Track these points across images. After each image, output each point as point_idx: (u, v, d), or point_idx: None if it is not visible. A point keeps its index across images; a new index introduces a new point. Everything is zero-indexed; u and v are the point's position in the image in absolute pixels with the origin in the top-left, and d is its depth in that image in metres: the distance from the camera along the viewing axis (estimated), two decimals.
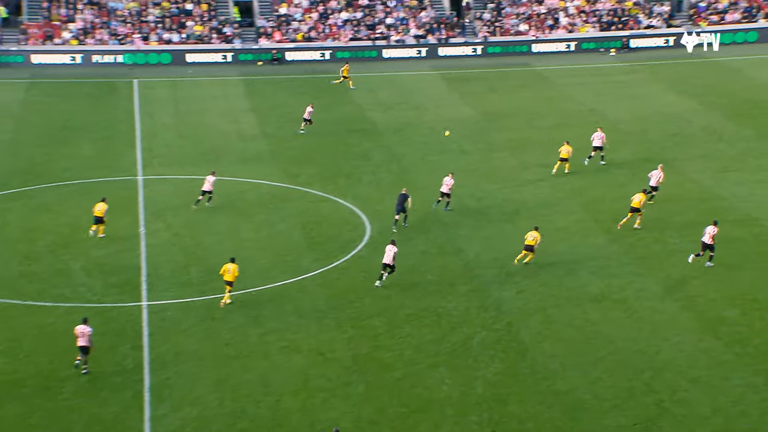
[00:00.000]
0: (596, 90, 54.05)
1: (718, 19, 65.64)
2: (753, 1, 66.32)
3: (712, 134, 45.22)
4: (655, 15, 66.07)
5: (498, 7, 67.12)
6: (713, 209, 35.90)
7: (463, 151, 44.51)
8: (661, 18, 65.92)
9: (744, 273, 30.68)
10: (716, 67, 58.75)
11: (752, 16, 65.49)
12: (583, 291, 30.03)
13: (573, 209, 36.65)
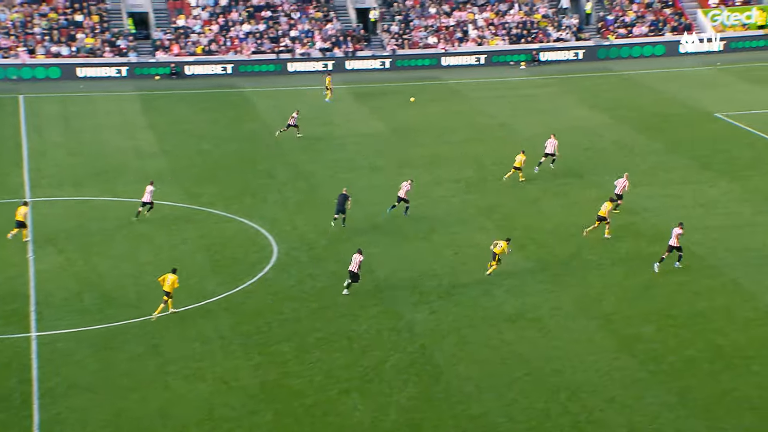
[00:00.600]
0: (507, 104, 54.92)
1: (626, 32, 67.58)
2: (659, 15, 68.50)
3: (623, 148, 46.37)
4: (564, 28, 67.60)
5: (406, 19, 67.70)
6: (626, 225, 36.73)
7: (375, 167, 44.58)
8: (570, 31, 67.48)
9: (658, 289, 31.43)
10: (625, 80, 60.38)
11: (659, 30, 67.62)
12: (498, 310, 30.31)
13: (487, 226, 37.05)
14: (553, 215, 38.01)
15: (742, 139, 46.76)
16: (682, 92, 56.30)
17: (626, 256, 33.82)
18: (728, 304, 30.07)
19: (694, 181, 41.04)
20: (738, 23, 68.32)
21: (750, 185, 40.41)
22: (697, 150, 44.97)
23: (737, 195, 39.32)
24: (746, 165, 42.93)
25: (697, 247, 34.21)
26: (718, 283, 31.48)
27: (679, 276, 32.13)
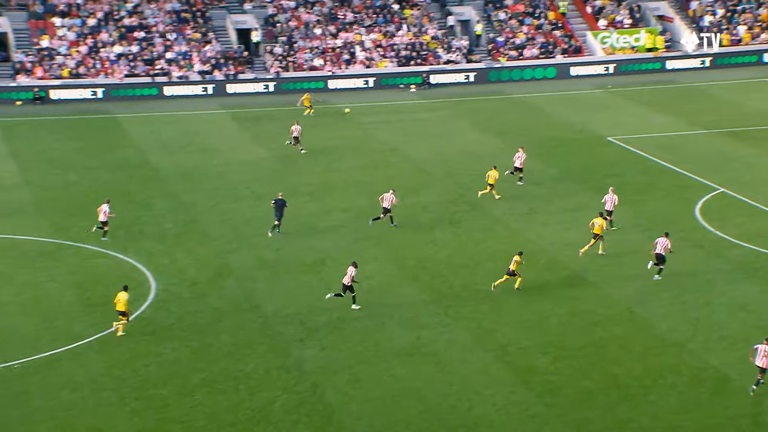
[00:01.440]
0: (398, 128, 55.51)
1: (517, 54, 69.31)
2: (550, 37, 70.53)
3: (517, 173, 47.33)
4: (454, 50, 68.89)
5: (290, 40, 67.85)
6: (527, 254, 37.42)
7: (259, 197, 44.35)
8: (460, 53, 68.80)
9: (553, 319, 32.12)
10: (517, 103, 61.84)
11: (549, 53, 69.58)
12: (391, 344, 30.44)
13: (378, 256, 37.23)
14: (446, 245, 38.49)
15: (635, 164, 48.40)
16: (574, 115, 57.97)
17: (521, 285, 34.45)
18: (624, 333, 30.93)
19: (589, 207, 42.18)
20: (627, 45, 70.91)
21: (643, 210, 41.78)
22: (590, 175, 46.31)
23: (630, 220, 40.58)
24: (639, 189, 44.41)
25: (593, 275, 35.14)
26: (614, 312, 32.37)
27: (574, 305, 32.91)
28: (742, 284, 34.02)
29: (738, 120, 55.93)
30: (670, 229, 38.98)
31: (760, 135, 52.29)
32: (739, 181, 44.82)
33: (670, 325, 31.26)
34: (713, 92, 63.14)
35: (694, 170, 46.56)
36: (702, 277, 34.72)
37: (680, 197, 43.27)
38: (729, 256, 36.46)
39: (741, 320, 31.33)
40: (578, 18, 73.67)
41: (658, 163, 48.31)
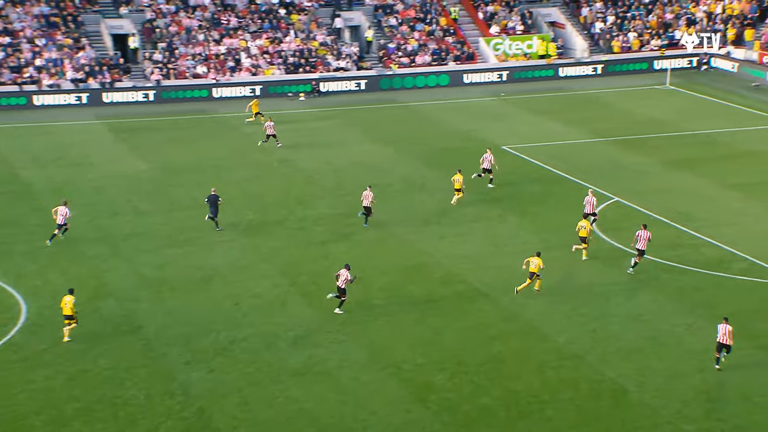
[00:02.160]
0: (287, 138, 55.25)
1: (409, 61, 69.87)
2: (442, 44, 71.36)
3: (411, 185, 47.70)
4: (344, 56, 69.05)
5: (170, 47, 66.92)
6: (416, 266, 37.69)
7: (140, 212, 43.54)
8: (350, 60, 69.01)
9: (450, 334, 32.36)
10: (411, 111, 62.32)
11: (442, 60, 70.37)
12: (283, 365, 30.21)
13: (269, 273, 36.94)
14: (339, 259, 38.44)
15: (530, 173, 49.27)
16: (468, 124, 58.72)
17: (417, 300, 34.65)
18: (522, 347, 31.37)
19: (485, 218, 42.75)
20: (520, 52, 72.26)
21: (539, 220, 42.53)
22: (482, 185, 46.91)
23: (527, 231, 41.26)
24: (534, 199, 45.19)
25: (490, 289, 35.56)
26: (512, 326, 32.80)
27: (472, 319, 33.23)
28: (637, 294, 34.91)
29: (630, 128, 57.53)
30: (567, 239, 39.77)
31: (652, 143, 53.86)
32: (632, 190, 46.05)
33: (567, 337, 31.84)
34: (606, 100, 64.82)
35: (589, 179, 47.64)
36: (599, 288, 35.49)
37: (575, 207, 44.16)
38: (624, 266, 37.38)
39: (637, 331, 32.13)
40: (470, 24, 74.76)
41: (552, 172, 49.27)
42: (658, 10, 75.91)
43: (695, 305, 33.90)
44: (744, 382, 28.85)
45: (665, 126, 57.80)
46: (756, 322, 32.50)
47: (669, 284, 35.70)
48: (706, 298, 34.41)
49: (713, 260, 37.70)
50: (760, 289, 35.12)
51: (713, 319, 32.64)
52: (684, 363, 30.09)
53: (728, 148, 52.86)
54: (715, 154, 51.66)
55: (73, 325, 31.16)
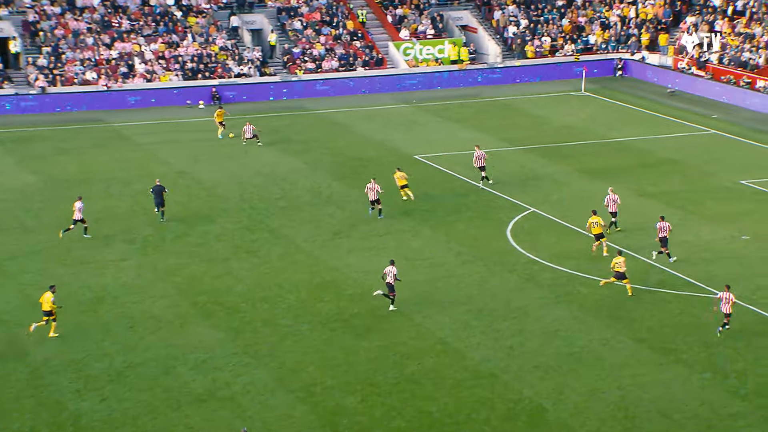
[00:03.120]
0: (186, 149, 54.71)
1: (315, 66, 69.87)
2: (350, 48, 71.54)
3: (319, 196, 47.63)
4: (246, 62, 68.71)
5: (56, 51, 65.68)
6: (326, 283, 37.61)
7: (26, 228, 42.63)
8: (253, 65, 68.70)
9: (362, 354, 32.34)
10: (318, 119, 62.30)
11: (350, 65, 70.54)
12: (183, 391, 29.82)
13: (167, 292, 36.47)
14: (244, 276, 38.16)
15: (443, 183, 49.62)
16: (379, 132, 58.96)
17: (326, 319, 34.57)
18: (437, 366, 31.51)
19: (396, 231, 42.90)
20: (431, 57, 72.86)
21: (454, 233, 42.85)
22: (397, 196, 47.13)
23: (441, 244, 41.53)
24: (449, 211, 45.53)
25: (405, 306, 35.67)
26: (426, 344, 32.93)
27: (384, 338, 33.26)
28: (554, 309, 35.38)
29: (545, 135, 58.43)
30: (483, 252, 40.14)
31: (567, 151, 54.75)
32: (549, 200, 46.73)
33: (483, 355, 32.09)
34: (520, 106, 65.72)
35: (504, 189, 48.20)
36: (515, 303, 35.88)
37: (491, 218, 44.66)
38: (541, 279, 37.88)
39: (555, 347, 32.54)
40: (379, 28, 75.11)
41: (467, 182, 49.72)
42: (571, 13, 77.32)
43: (614, 319, 34.50)
44: (662, 399, 29.43)
45: (581, 133, 58.86)
46: (674, 336, 33.21)
47: (587, 298, 36.27)
48: (624, 312, 35.04)
49: (631, 272, 38.42)
50: (678, 301, 35.92)
51: (631, 334, 33.26)
52: (602, 380, 30.57)
53: (645, 156, 54.03)
54: (632, 163, 52.74)
55: (48, 322, 32.57)
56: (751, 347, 32.32)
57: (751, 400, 29.29)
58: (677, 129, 60.05)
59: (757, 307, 35.21)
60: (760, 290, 36.63)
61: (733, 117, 62.39)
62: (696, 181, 49.81)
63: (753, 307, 35.28)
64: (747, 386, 30.00)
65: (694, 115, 62.78)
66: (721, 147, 56.27)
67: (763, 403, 29.04)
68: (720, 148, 55.96)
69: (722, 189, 48.37)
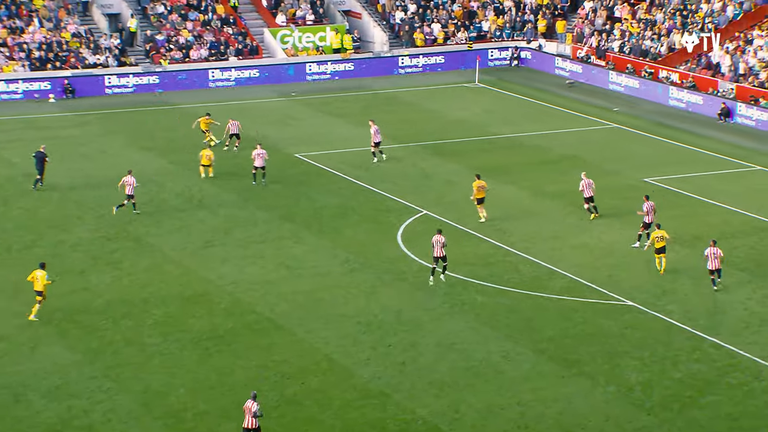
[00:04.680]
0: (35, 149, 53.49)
1: (181, 56, 69.13)
2: (220, 36, 70.95)
3: (189, 201, 47.11)
4: (102, 50, 67.57)
5: None
6: (197, 296, 37.24)
7: None
8: (110, 54, 67.59)
9: (238, 374, 32.07)
10: (185, 114, 61.64)
11: (221, 54, 69.97)
12: (35, 421, 29.21)
13: (15, 310, 35.68)
14: (103, 291, 37.54)
15: (327, 184, 49.63)
16: (254, 128, 58.71)
17: (198, 335, 34.23)
18: (322, 386, 31.45)
19: (276, 237, 42.73)
20: (312, 45, 72.85)
21: (340, 239, 42.88)
22: (276, 199, 46.92)
23: (327, 251, 41.52)
24: (334, 214, 45.55)
25: (285, 319, 35.53)
26: (310, 362, 32.84)
27: (264, 356, 33.06)
28: (450, 320, 35.67)
29: (438, 131, 58.96)
30: (372, 259, 40.27)
31: (461, 148, 55.32)
32: (442, 202, 47.15)
33: (373, 372, 32.17)
34: (409, 99, 66.17)
35: (394, 190, 48.45)
36: (407, 315, 36.07)
37: (380, 222, 44.83)
38: (435, 288, 38.15)
39: (450, 361, 32.80)
40: (253, 13, 74.78)
41: (353, 182, 49.81)
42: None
43: (513, 330, 34.96)
44: (565, 414, 29.92)
45: (476, 129, 59.56)
46: (577, 347, 33.80)
47: (484, 307, 36.68)
48: (524, 322, 35.54)
49: (531, 278, 39.03)
50: (582, 309, 36.59)
51: (531, 345, 33.76)
52: (501, 395, 30.94)
53: (543, 153, 54.97)
54: (530, 160, 53.61)
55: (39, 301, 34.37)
56: (657, 357, 33.11)
57: (657, 413, 30.00)
58: (577, 123, 61.27)
59: (663, 314, 36.11)
60: (666, 295, 37.60)
61: (636, 110, 63.97)
62: (597, 179, 50.79)
63: (659, 314, 36.16)
64: (653, 399, 30.71)
65: (594, 108, 64.16)
66: (624, 142, 57.63)
67: (669, 417, 29.78)
68: (622, 144, 57.31)
69: (625, 187, 49.50)
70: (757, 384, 31.46)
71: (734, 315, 36.12)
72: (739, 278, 39.06)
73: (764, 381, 31.61)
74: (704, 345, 33.90)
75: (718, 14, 69.34)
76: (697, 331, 34.79)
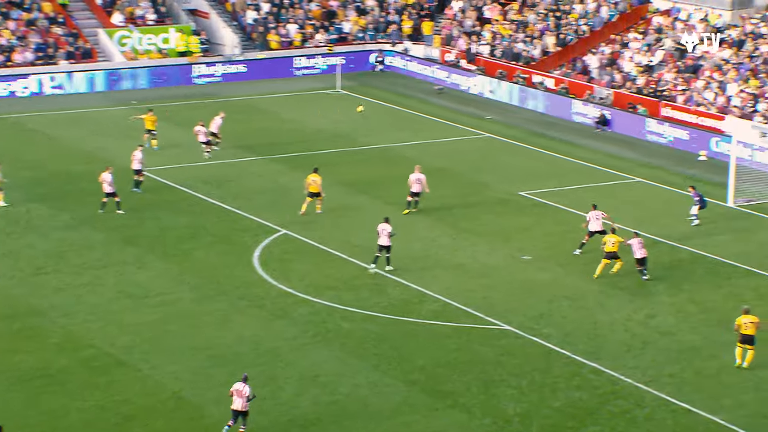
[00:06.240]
0: None
1: (2, 59, 67.63)
2: (48, 36, 69.58)
3: (15, 222, 46.15)
4: None
5: None
6: (26, 329, 36.50)
7: None
8: None
9: (73, 416, 31.50)
10: (10, 126, 60.42)
11: (50, 57, 68.60)
12: None
13: None
14: None
15: (175, 203, 49.21)
16: (89, 141, 57.84)
17: (26, 375, 33.53)
18: (168, 427, 31.07)
19: (117, 262, 42.12)
20: (154, 48, 72.14)
21: (189, 262, 42.51)
22: (111, 220, 46.29)
23: (174, 276, 41.11)
24: (183, 236, 45.15)
25: (127, 354, 35.02)
26: (155, 400, 32.43)
27: (103, 396, 32.48)
28: (312, 350, 35.61)
29: (297, 142, 58.97)
30: (225, 284, 40.02)
31: (323, 160, 55.36)
32: (302, 220, 47.12)
33: (226, 410, 31.83)
34: (264, 107, 66.03)
35: (249, 207, 48.26)
36: (266, 345, 35.94)
37: (234, 243, 44.58)
38: (296, 315, 38.12)
39: (313, 396, 32.74)
40: (85, 11, 73.70)
41: (204, 199, 49.44)
42: None
43: (381, 360, 35.11)
44: None
45: (338, 139, 59.76)
46: (451, 376, 34.09)
47: (351, 334, 36.76)
48: (393, 351, 35.71)
49: (401, 302, 39.28)
50: (456, 335, 36.96)
51: (402, 375, 33.94)
52: (370, 431, 31.03)
53: (411, 165, 55.25)
54: (397, 173, 53.89)
55: None
56: (535, 385, 33.64)
57: None
58: (447, 132, 62.00)
59: (541, 338, 36.72)
60: (544, 318, 38.26)
61: (509, 118, 65.06)
62: (470, 193, 51.51)
63: (536, 338, 36.77)
64: (531, 431, 31.17)
65: (465, 117, 65.03)
66: (497, 153, 58.54)
67: None
68: (495, 155, 58.20)
69: (499, 201, 50.28)
70: (640, 411, 32.22)
71: (615, 338, 36.93)
72: (619, 298, 39.99)
73: (647, 408, 32.39)
74: (584, 371, 34.58)
75: (592, 15, 71.11)
76: (577, 356, 35.47)
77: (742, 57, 62.38)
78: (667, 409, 32.29)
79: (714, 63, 62.77)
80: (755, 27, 64.36)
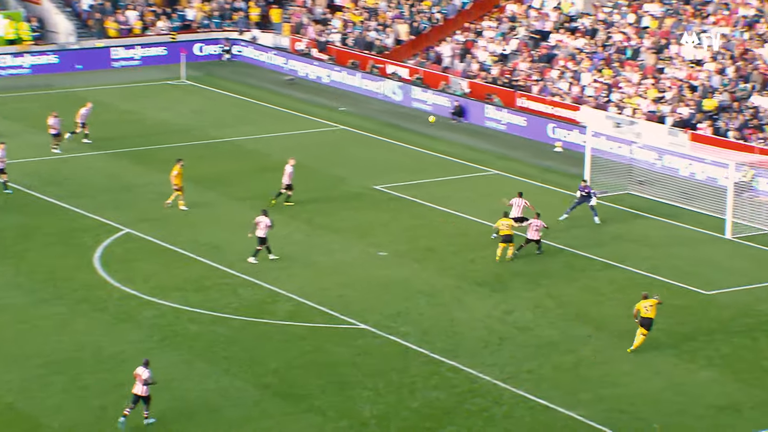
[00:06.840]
0: None
1: None
2: None
3: None
4: None
5: None
6: None
7: None
8: None
9: None
10: None
11: None
12: None
13: None
14: None
15: (5, 200, 48.25)
16: None
17: None
18: None
19: None
20: None
21: (24, 265, 41.75)
22: None
23: (7, 280, 40.37)
24: (16, 236, 44.32)
25: None
26: None
27: None
28: (159, 354, 34.95)
29: (139, 136, 58.28)
30: (63, 287, 39.39)
31: (165, 155, 54.70)
32: (148, 218, 46.62)
33: (66, 419, 31.38)
34: (102, 99, 64.97)
35: (89, 206, 47.59)
36: (108, 350, 35.48)
37: (73, 243, 43.91)
38: (141, 318, 37.73)
39: (160, 402, 32.30)
40: None
41: (40, 198, 48.60)
42: None
43: (232, 363, 34.91)
44: None
45: (183, 132, 59.25)
46: (305, 378, 34.06)
47: (199, 338, 36.48)
48: (245, 353, 35.54)
49: (252, 303, 39.13)
50: (311, 336, 36.96)
51: (253, 379, 33.81)
52: None
53: (263, 159, 55.26)
54: (248, 167, 53.78)
55: None
56: (392, 386, 33.81)
57: None
58: (298, 125, 61.94)
59: (398, 337, 36.94)
60: (401, 316, 38.51)
61: (363, 109, 65.27)
62: (324, 187, 51.55)
63: (394, 336, 36.99)
64: None
65: (317, 108, 65.05)
66: (351, 145, 58.70)
67: None
68: (349, 147, 58.36)
69: (354, 196, 50.44)
70: (498, 409, 32.63)
71: (473, 335, 37.35)
72: (477, 294, 40.47)
73: (505, 405, 32.82)
74: (442, 369, 34.90)
75: (446, 3, 71.73)
76: (435, 354, 35.78)
77: (595, 46, 63.63)
78: (525, 406, 32.77)
79: (568, 52, 63.90)
80: (608, 15, 65.70)
